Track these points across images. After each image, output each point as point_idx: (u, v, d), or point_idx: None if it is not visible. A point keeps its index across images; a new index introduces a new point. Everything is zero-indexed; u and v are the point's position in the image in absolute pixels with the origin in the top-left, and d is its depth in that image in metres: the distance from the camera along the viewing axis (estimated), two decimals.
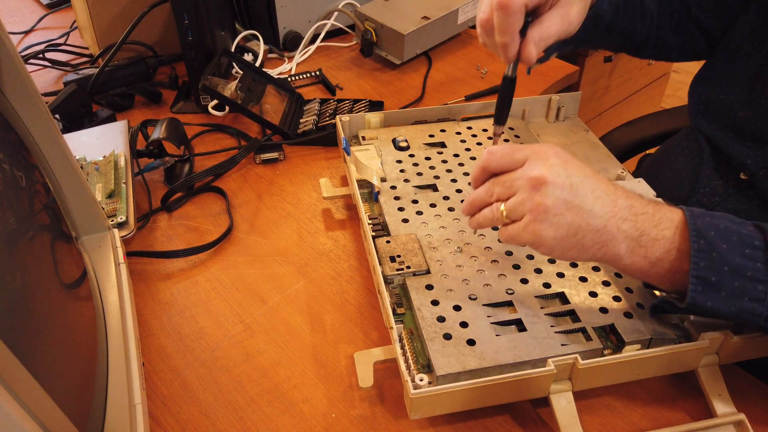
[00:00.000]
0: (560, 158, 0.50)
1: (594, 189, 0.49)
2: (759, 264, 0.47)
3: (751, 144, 0.64)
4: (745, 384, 0.57)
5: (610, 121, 1.79)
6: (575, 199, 0.48)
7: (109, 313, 0.57)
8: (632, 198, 0.50)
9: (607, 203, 0.49)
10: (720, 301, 0.47)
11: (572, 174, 0.49)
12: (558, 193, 0.48)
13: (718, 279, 0.47)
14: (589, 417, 0.55)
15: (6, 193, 0.43)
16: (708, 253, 0.47)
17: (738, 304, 0.47)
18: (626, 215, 0.49)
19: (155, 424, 0.55)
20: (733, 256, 0.47)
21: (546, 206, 0.48)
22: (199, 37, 0.89)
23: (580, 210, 0.48)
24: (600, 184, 0.50)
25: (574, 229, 0.49)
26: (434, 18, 1.04)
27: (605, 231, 0.49)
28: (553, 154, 0.50)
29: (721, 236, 0.47)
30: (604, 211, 0.49)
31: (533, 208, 0.49)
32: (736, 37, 0.68)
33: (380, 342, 0.61)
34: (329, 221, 0.77)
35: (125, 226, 0.70)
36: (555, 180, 0.48)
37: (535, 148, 0.51)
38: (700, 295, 0.47)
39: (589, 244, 0.49)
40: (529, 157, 0.50)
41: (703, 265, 0.47)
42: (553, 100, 0.81)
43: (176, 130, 0.82)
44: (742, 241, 0.47)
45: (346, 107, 0.94)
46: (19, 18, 1.26)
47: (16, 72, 0.50)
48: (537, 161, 0.50)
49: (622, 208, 0.49)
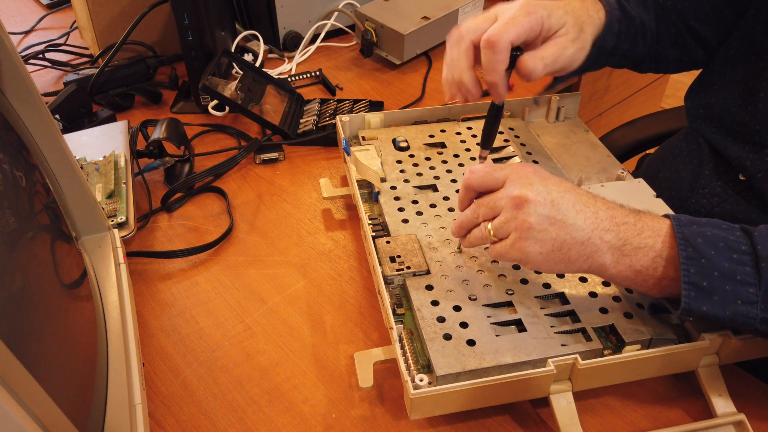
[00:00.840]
0: (539, 176, 0.52)
1: (575, 203, 0.51)
2: (748, 268, 0.47)
3: (749, 148, 0.65)
4: (745, 384, 0.57)
5: (610, 121, 1.79)
6: (557, 214, 0.50)
7: (109, 313, 0.57)
8: (612, 208, 0.52)
9: (588, 215, 0.50)
10: (714, 306, 0.48)
11: (552, 190, 0.51)
12: (540, 210, 0.50)
13: (710, 284, 0.48)
14: (589, 417, 0.55)
15: (6, 193, 0.43)
16: (697, 260, 0.48)
17: (732, 307, 0.47)
18: (608, 226, 0.50)
19: (155, 424, 0.55)
20: (722, 261, 0.48)
21: (530, 224, 0.50)
22: (199, 37, 0.89)
23: (563, 224, 0.50)
24: (580, 197, 0.51)
25: (559, 244, 0.50)
26: (434, 18, 1.04)
27: (589, 243, 0.50)
28: (532, 173, 0.52)
29: (709, 243, 0.48)
30: (586, 223, 0.50)
31: (518, 227, 0.50)
32: (731, 43, 0.68)
33: (380, 342, 0.61)
34: (329, 221, 0.77)
35: (125, 227, 0.70)
36: (536, 198, 0.50)
37: (514, 167, 0.53)
38: (694, 300, 0.48)
39: (575, 256, 0.50)
40: (509, 176, 0.52)
41: (693, 271, 0.48)
42: (553, 100, 0.81)
43: (176, 130, 0.82)
44: (729, 246, 0.48)
45: (346, 107, 0.94)
46: (19, 18, 1.26)
47: (16, 72, 0.50)
48: (517, 180, 0.51)
49: (603, 219, 0.51)
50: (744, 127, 0.65)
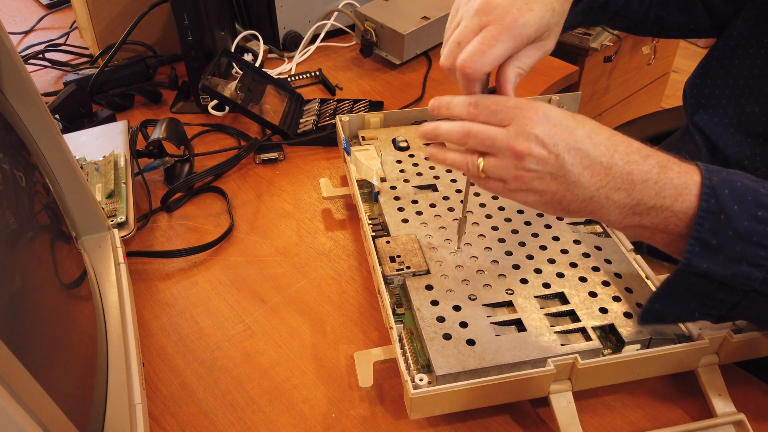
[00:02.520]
0: (550, 122, 0.47)
1: (585, 157, 0.46)
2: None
3: (752, 140, 0.64)
4: (745, 384, 0.57)
5: (610, 121, 1.79)
6: (560, 170, 0.46)
7: (109, 313, 0.57)
8: (633, 163, 0.47)
9: (598, 172, 0.47)
10: (716, 264, 0.45)
11: (559, 143, 0.46)
12: (541, 166, 0.46)
13: (719, 242, 0.45)
14: (589, 417, 0.55)
15: (6, 193, 0.43)
16: (715, 215, 0.45)
17: (734, 267, 0.45)
18: (619, 184, 0.47)
19: (155, 424, 0.55)
20: (742, 219, 0.45)
21: (529, 177, 0.47)
22: (199, 37, 0.89)
23: (564, 180, 0.47)
24: (595, 149, 0.47)
25: (559, 198, 0.48)
26: (434, 18, 1.04)
27: (592, 201, 0.47)
28: (543, 117, 0.47)
29: (735, 196, 0.45)
30: (591, 181, 0.47)
31: (516, 177, 0.47)
32: (741, 28, 0.66)
33: (380, 342, 0.61)
34: (329, 221, 0.77)
35: (125, 226, 0.70)
36: (540, 153, 0.46)
37: (524, 110, 0.47)
38: (696, 256, 0.46)
39: (575, 209, 0.49)
40: (514, 120, 0.47)
41: (707, 227, 0.45)
42: (553, 100, 0.81)
43: (176, 130, 0.82)
44: (758, 201, 0.45)
45: (346, 107, 0.94)
46: (19, 18, 1.26)
47: (16, 72, 0.50)
48: (523, 128, 0.47)
49: (616, 175, 0.46)
50: (751, 118, 0.64)
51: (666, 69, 1.94)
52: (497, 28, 0.49)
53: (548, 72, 1.03)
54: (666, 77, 1.96)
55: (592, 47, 1.48)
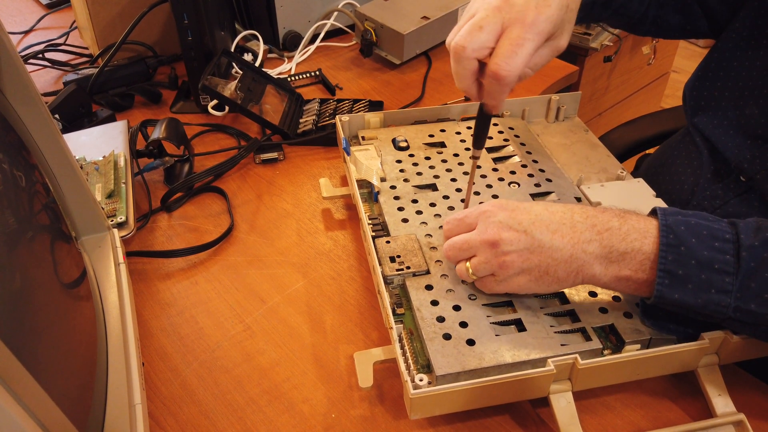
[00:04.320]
0: (506, 210, 0.53)
1: (548, 224, 0.51)
2: (728, 256, 0.47)
3: (751, 142, 0.64)
4: (745, 384, 0.57)
5: (610, 121, 1.79)
6: (533, 242, 0.51)
7: (109, 313, 0.57)
8: (592, 217, 0.51)
9: (565, 233, 0.51)
10: (687, 294, 0.48)
11: (522, 220, 0.52)
12: (515, 246, 0.51)
13: (685, 272, 0.48)
14: (589, 417, 0.55)
15: (6, 193, 0.43)
16: (676, 247, 0.48)
17: (705, 295, 0.47)
18: (589, 237, 0.51)
19: (155, 424, 0.55)
20: (701, 249, 0.47)
21: (510, 260, 0.51)
22: (199, 37, 0.89)
23: (540, 249, 0.51)
24: (554, 216, 0.52)
25: (544, 268, 0.51)
26: (434, 18, 1.04)
27: (573, 259, 0.50)
28: (499, 208, 0.53)
29: (691, 231, 0.48)
30: (564, 241, 0.51)
31: (501, 265, 0.52)
32: (740, 30, 0.66)
33: (380, 342, 0.61)
34: (329, 221, 0.77)
35: (125, 226, 0.70)
36: (509, 235, 0.51)
37: (482, 208, 0.54)
38: (667, 288, 0.48)
39: (563, 275, 0.51)
40: (479, 219, 0.54)
41: (670, 258, 0.48)
42: (553, 100, 0.81)
43: (176, 130, 0.82)
44: (713, 234, 0.48)
45: (346, 107, 0.94)
46: (19, 18, 1.26)
47: (16, 72, 0.50)
48: (487, 222, 0.53)
49: (582, 231, 0.51)
50: (751, 120, 0.64)
51: (666, 69, 1.94)
52: (522, 27, 0.52)
53: (548, 72, 1.03)
54: (666, 77, 1.96)
55: (592, 47, 1.48)
